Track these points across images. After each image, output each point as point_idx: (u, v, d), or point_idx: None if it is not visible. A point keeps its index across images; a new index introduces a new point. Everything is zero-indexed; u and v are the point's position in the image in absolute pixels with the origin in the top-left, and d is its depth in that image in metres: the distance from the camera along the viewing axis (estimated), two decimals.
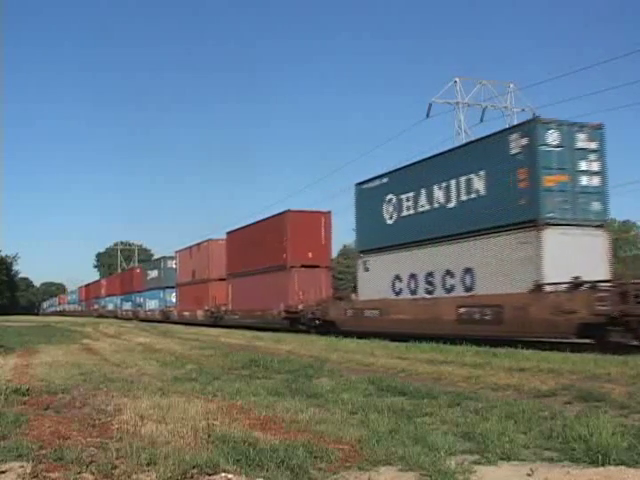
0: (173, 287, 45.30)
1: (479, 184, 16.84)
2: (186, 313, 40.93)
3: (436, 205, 18.51)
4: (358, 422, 5.97)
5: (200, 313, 37.25)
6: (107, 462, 4.54)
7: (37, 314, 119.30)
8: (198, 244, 39.63)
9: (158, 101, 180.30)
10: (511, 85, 40.50)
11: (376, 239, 21.30)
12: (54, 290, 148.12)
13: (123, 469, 4.40)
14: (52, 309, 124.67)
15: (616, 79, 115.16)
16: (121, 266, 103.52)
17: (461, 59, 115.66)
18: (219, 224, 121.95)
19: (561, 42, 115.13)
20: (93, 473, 4.36)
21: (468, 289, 17.03)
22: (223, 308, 33.85)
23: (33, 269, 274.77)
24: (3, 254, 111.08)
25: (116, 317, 61.89)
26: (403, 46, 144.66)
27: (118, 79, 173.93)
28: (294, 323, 25.73)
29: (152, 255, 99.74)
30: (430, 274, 18.60)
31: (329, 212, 27.86)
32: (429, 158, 19.51)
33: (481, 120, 40.56)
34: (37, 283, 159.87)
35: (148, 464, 4.49)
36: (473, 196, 17.08)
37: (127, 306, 61.21)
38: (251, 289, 30.12)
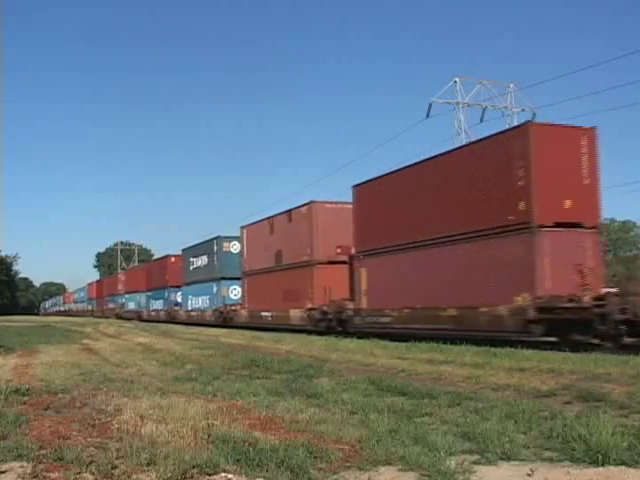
0: (235, 278, 32.48)
1: None
2: (266, 314, 27.59)
3: None
4: (358, 422, 5.96)
5: (296, 314, 24.80)
6: (107, 462, 4.54)
7: (37, 314, 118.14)
8: (288, 211, 26.19)
9: (158, 101, 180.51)
10: (511, 85, 40.46)
11: None
12: (54, 290, 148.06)
13: (123, 469, 4.41)
14: (55, 309, 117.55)
15: (616, 79, 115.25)
16: (121, 266, 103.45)
17: (461, 59, 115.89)
18: (220, 224, 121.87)
19: (561, 42, 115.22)
20: (93, 473, 4.36)
21: None
22: (350, 306, 21.46)
23: (33, 269, 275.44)
24: (3, 254, 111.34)
25: (141, 319, 48.54)
26: (403, 46, 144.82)
27: (118, 79, 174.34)
28: (561, 329, 13.77)
29: (152, 255, 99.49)
30: None
31: (593, 128, 15.34)
32: None
33: (481, 120, 40.43)
34: (37, 283, 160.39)
35: (148, 464, 4.50)
36: None
37: (158, 305, 47.13)
38: (422, 274, 17.84)
